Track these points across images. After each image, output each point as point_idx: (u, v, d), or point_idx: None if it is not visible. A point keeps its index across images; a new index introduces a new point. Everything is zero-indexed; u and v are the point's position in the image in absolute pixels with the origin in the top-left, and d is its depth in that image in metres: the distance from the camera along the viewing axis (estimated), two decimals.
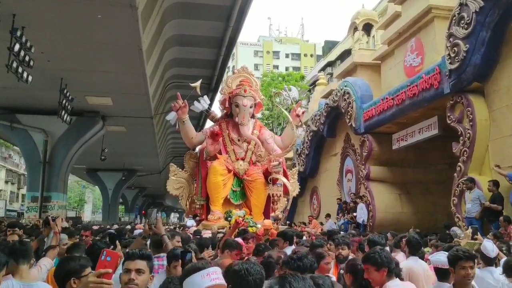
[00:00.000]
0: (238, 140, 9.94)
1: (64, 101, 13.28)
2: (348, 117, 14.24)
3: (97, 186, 36.46)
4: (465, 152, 9.56)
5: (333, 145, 16.91)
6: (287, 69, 49.55)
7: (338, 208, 15.23)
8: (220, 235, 7.57)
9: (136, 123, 18.34)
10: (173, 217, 77.30)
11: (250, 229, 7.67)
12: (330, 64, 31.40)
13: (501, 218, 8.06)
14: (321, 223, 15.44)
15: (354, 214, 13.72)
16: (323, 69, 32.74)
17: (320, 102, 17.65)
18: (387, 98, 12.22)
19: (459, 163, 9.72)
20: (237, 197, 9.84)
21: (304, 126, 11.71)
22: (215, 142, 9.58)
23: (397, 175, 13.49)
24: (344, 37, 28.31)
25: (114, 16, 9.84)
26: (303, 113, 9.84)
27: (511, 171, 8.29)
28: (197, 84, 9.60)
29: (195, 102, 9.99)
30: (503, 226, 7.91)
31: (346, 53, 24.88)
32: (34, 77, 10.81)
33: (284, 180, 9.26)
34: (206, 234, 7.62)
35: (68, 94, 13.26)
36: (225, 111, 10.34)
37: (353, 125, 14.00)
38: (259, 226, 8.19)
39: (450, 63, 9.61)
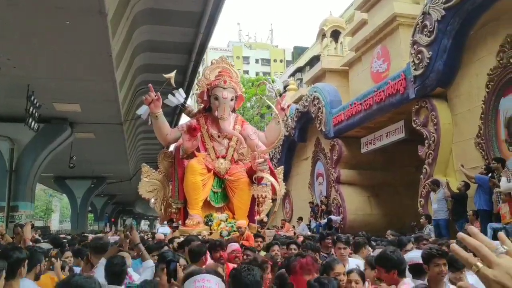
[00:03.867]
0: (218, 137, 9.09)
1: (31, 108, 12.95)
2: (318, 122, 14.52)
3: (65, 195, 35.56)
4: (430, 155, 9.95)
5: (304, 149, 17.17)
6: (257, 74, 49.86)
7: (311, 211, 15.47)
8: (205, 232, 7.44)
9: (105, 129, 18.06)
10: (144, 224, 76.06)
11: (233, 234, 7.51)
12: (300, 69, 31.80)
13: (470, 212, 8.46)
14: (293, 226, 15.63)
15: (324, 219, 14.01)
16: (292, 74, 33.11)
17: (290, 107, 17.90)
18: (355, 103, 12.55)
19: (425, 166, 10.10)
20: (218, 199, 9.01)
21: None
22: (192, 138, 8.66)
23: (366, 178, 13.84)
24: (313, 43, 28.77)
25: (83, 23, 9.71)
26: (288, 106, 9.22)
27: (474, 173, 8.67)
28: (172, 75, 8.83)
29: (170, 96, 9.13)
30: (471, 220, 8.31)
31: (315, 59, 25.27)
32: None
33: (271, 178, 8.42)
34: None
35: (35, 101, 12.95)
36: (203, 105, 9.47)
37: (323, 130, 14.29)
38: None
39: (414, 69, 9.99)
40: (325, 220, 13.86)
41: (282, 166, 11.01)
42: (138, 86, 17.86)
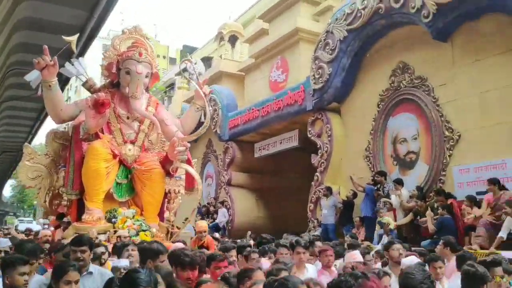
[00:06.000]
0: (127, 118, 7.71)
1: None
2: (213, 124, 14.55)
3: None
4: (322, 164, 10.69)
5: (194, 149, 16.99)
6: None
7: (198, 212, 15.37)
8: (102, 236, 6.47)
9: None
10: None
11: (141, 235, 6.80)
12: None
13: (357, 218, 9.32)
14: (178, 227, 15.37)
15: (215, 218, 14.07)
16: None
17: (183, 106, 17.63)
18: (253, 109, 12.90)
19: (317, 173, 10.81)
20: (122, 191, 7.60)
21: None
22: (98, 115, 7.17)
23: (256, 182, 14.30)
24: (204, 44, 28.81)
25: None
26: (210, 92, 8.48)
27: (363, 183, 9.58)
28: (73, 38, 7.48)
29: (67, 64, 7.79)
30: (357, 226, 9.16)
31: (205, 60, 25.27)
32: None
33: (192, 170, 7.22)
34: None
35: None
36: (109, 79, 8.08)
37: (218, 132, 14.38)
38: (154, 230, 6.88)
39: (314, 83, 10.65)
40: (214, 222, 13.95)
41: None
42: (11, 66, 15.86)
